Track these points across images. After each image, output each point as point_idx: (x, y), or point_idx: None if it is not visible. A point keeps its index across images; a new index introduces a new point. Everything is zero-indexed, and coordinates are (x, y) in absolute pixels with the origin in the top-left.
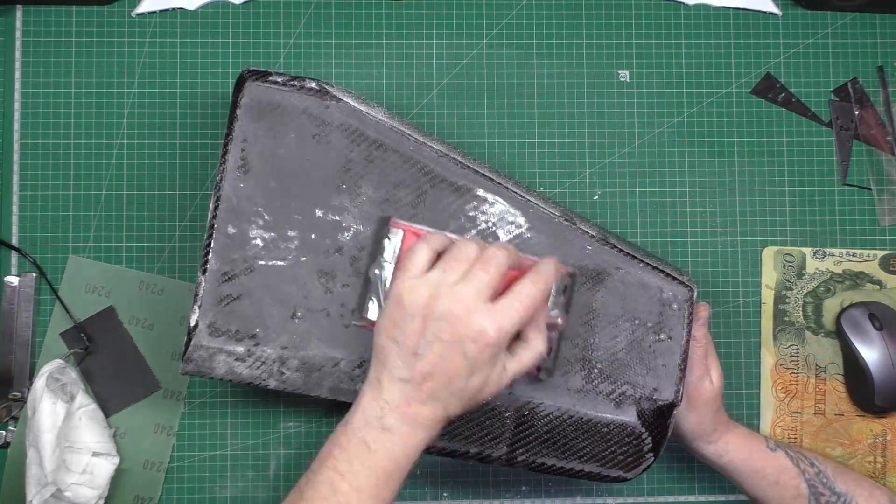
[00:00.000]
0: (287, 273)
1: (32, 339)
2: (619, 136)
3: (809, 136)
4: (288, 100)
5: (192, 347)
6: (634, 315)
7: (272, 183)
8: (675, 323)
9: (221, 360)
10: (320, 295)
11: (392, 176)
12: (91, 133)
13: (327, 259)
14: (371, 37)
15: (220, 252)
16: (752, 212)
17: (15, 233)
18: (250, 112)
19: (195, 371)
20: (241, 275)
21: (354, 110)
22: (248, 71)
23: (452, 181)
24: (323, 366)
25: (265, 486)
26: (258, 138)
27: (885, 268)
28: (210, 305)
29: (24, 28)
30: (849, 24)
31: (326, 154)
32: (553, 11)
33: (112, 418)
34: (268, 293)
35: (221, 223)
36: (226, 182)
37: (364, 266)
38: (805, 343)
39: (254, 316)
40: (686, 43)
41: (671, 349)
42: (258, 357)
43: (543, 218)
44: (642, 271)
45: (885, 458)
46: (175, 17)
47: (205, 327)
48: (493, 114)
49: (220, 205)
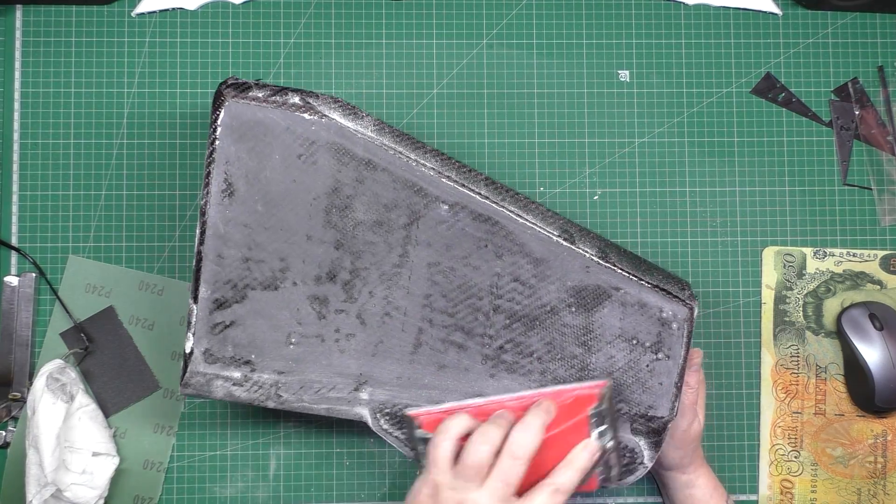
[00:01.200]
0: (279, 299)
1: (32, 339)
2: (619, 136)
3: (810, 136)
4: (270, 117)
5: (189, 374)
6: (633, 335)
7: (259, 207)
8: (673, 342)
9: (219, 385)
10: (314, 320)
11: (383, 197)
12: (91, 133)
13: (319, 286)
14: (371, 37)
15: (209, 280)
16: (753, 212)
17: (15, 233)
18: (231, 132)
19: (194, 394)
20: (232, 302)
21: (341, 128)
22: (226, 85)
23: (448, 201)
24: (320, 389)
25: (265, 486)
26: (241, 160)
27: (885, 268)
28: (203, 333)
29: (24, 28)
30: (849, 24)
31: (314, 175)
32: (553, 11)
33: (112, 418)
34: (261, 320)
35: (209, 251)
36: (211, 207)
37: (358, 292)
38: (805, 343)
39: (248, 342)
40: (686, 43)
41: (669, 369)
42: (255, 382)
43: (542, 240)
44: (642, 291)
45: (885, 458)
46: (175, 17)
47: (200, 354)
48: (493, 114)
49: (206, 231)
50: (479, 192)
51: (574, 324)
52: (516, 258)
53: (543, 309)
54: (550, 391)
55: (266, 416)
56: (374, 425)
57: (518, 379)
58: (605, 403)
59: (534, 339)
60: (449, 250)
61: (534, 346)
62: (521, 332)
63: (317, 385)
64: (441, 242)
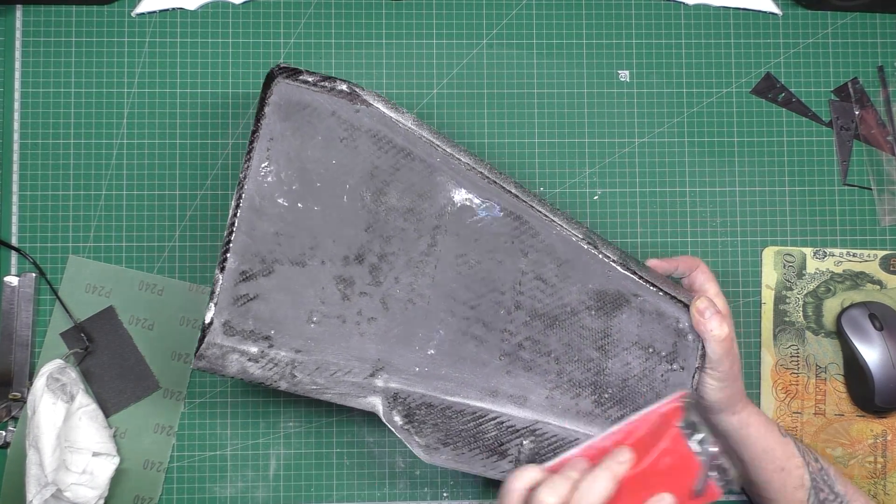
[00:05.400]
0: (305, 276)
1: (32, 339)
2: (619, 136)
3: (809, 136)
4: (317, 101)
5: (205, 345)
6: (649, 343)
7: (296, 185)
8: (689, 354)
9: (234, 360)
10: (337, 301)
11: (418, 185)
12: (91, 133)
13: (346, 266)
14: (371, 37)
15: (239, 251)
16: (752, 212)
17: (15, 233)
18: (278, 110)
19: (207, 368)
20: (259, 275)
21: (384, 116)
22: (278, 68)
23: (479, 195)
24: (335, 372)
25: (265, 486)
26: (285, 138)
27: (885, 268)
28: (226, 304)
29: (24, 28)
30: (849, 24)
31: (353, 159)
32: (553, 11)
33: (112, 418)
34: (285, 295)
35: (242, 222)
36: (249, 180)
37: (384, 276)
38: (805, 343)
39: (269, 317)
40: (686, 43)
41: (683, 380)
42: (271, 359)
43: (566, 241)
44: (660, 300)
45: (885, 458)
46: (175, 17)
47: (219, 325)
48: (493, 114)
49: (242, 203)
50: (508, 189)
51: (593, 327)
52: (541, 256)
53: (564, 309)
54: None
55: (266, 416)
56: (386, 416)
57: (534, 378)
58: (692, 411)
59: (552, 338)
60: (476, 242)
61: (552, 346)
62: (540, 330)
63: (333, 367)
64: (469, 234)
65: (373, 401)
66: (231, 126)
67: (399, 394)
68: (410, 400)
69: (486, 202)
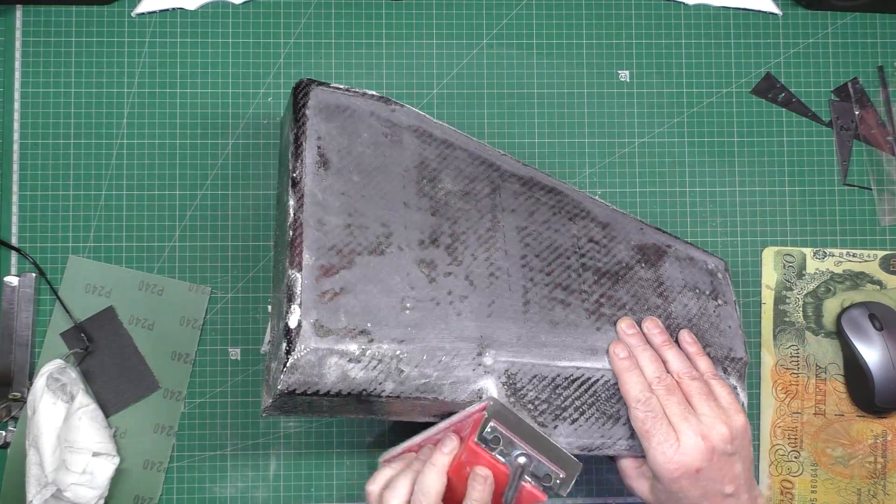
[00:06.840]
0: (387, 264)
1: (32, 339)
2: (619, 136)
3: (809, 136)
4: (355, 103)
5: (298, 351)
6: (695, 285)
7: (355, 177)
8: (724, 289)
9: (333, 364)
10: (425, 284)
11: (465, 171)
12: (91, 133)
13: (424, 250)
14: (371, 37)
15: (312, 246)
16: (752, 212)
17: (15, 233)
18: (320, 113)
19: (300, 382)
20: (339, 268)
21: (418, 114)
22: (307, 80)
23: (519, 174)
24: (443, 357)
25: (265, 486)
26: (332, 136)
27: (885, 268)
28: (312, 303)
29: (24, 28)
30: (849, 24)
31: (400, 152)
32: (553, 11)
33: (112, 418)
34: (372, 285)
35: (309, 217)
36: (306, 177)
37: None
38: (805, 343)
39: (361, 310)
40: (686, 43)
41: (729, 313)
42: (373, 355)
43: (601, 206)
44: (687, 247)
45: (885, 458)
46: (175, 17)
47: (309, 326)
48: (493, 114)
49: (304, 200)
50: (539, 170)
51: (648, 277)
52: (586, 222)
53: (620, 265)
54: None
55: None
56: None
57: None
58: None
59: (621, 292)
60: (532, 216)
61: (624, 299)
62: (609, 286)
63: (440, 352)
64: (523, 209)
65: (484, 384)
66: (231, 126)
67: (509, 369)
68: (521, 374)
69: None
